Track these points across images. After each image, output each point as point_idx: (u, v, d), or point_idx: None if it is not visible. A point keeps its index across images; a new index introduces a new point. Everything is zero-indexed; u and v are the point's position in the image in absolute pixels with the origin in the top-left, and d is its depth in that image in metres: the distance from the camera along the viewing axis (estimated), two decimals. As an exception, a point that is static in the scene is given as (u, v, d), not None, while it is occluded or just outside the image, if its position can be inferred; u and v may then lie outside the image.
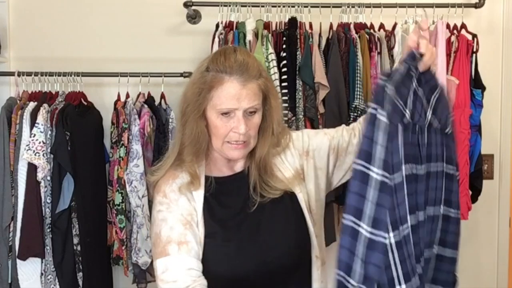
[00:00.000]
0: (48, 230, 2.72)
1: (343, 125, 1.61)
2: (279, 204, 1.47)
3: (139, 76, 2.87)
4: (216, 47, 2.70)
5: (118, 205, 2.75)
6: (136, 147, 2.74)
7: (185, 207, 1.42)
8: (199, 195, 1.45)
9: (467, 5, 2.95)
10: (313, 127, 2.73)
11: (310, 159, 1.54)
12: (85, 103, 2.88)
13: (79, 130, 2.76)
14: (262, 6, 2.82)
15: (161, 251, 1.39)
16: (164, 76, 2.88)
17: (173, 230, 1.39)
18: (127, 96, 2.88)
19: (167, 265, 1.36)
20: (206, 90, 1.40)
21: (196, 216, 1.43)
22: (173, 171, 1.47)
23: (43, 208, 2.71)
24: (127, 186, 2.73)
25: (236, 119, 1.40)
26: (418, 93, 1.21)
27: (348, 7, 2.85)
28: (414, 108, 1.18)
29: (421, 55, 1.27)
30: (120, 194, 2.75)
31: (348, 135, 1.55)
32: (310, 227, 1.47)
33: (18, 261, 2.72)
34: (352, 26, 2.81)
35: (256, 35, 2.74)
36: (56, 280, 2.73)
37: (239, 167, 1.52)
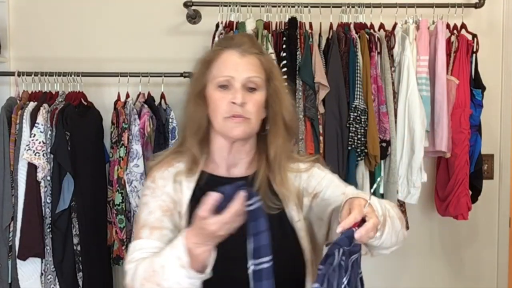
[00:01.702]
0: (48, 230, 2.72)
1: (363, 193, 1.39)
2: (276, 220, 1.34)
3: (139, 76, 2.87)
4: (216, 47, 2.69)
5: (118, 205, 2.75)
6: (136, 147, 2.74)
7: (170, 195, 1.37)
8: (189, 187, 1.38)
9: (467, 5, 2.95)
10: (313, 127, 2.73)
11: (314, 204, 1.42)
12: (85, 103, 2.88)
13: (79, 130, 2.76)
14: (262, 6, 2.82)
15: (135, 234, 1.37)
16: (164, 76, 2.88)
17: (151, 214, 1.35)
18: (127, 96, 2.88)
19: (135, 247, 1.32)
20: (206, 66, 1.38)
21: (180, 207, 1.37)
22: (170, 159, 1.44)
23: (43, 208, 2.71)
24: (127, 186, 2.73)
25: (233, 90, 1.34)
26: (341, 264, 1.14)
27: (348, 7, 2.85)
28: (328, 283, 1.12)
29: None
30: (120, 194, 2.75)
31: None
32: (306, 253, 1.37)
33: (18, 261, 2.72)
34: (352, 26, 2.81)
35: (256, 35, 2.74)
36: (56, 280, 2.73)
37: (237, 172, 1.42)
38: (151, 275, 1.19)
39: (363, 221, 1.13)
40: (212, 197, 1.10)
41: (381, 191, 2.80)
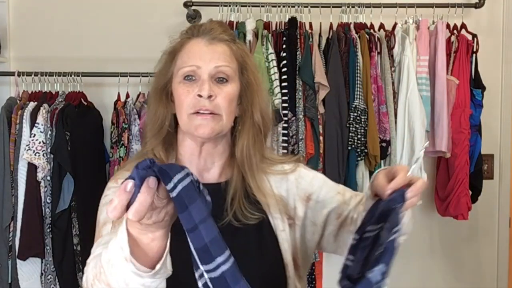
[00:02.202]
0: (48, 230, 2.72)
1: (362, 195, 1.26)
2: (254, 228, 1.19)
3: (139, 76, 2.86)
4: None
5: (118, 205, 2.75)
6: (136, 147, 2.74)
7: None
8: None
9: (467, 5, 2.95)
10: (313, 127, 2.73)
11: (308, 207, 1.26)
12: (85, 103, 2.88)
13: (79, 130, 2.76)
14: (262, 6, 2.82)
15: (96, 237, 1.15)
16: (164, 76, 2.87)
17: None
18: (127, 96, 2.88)
19: (97, 245, 1.01)
20: (170, 57, 1.23)
21: None
22: (134, 163, 1.16)
23: (43, 208, 2.71)
24: (127, 186, 2.73)
25: (200, 82, 1.16)
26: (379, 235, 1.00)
27: (348, 7, 2.85)
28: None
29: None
30: (120, 194, 2.75)
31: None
32: (289, 268, 1.20)
33: (18, 261, 2.72)
34: (352, 26, 2.82)
35: (256, 35, 2.74)
36: (56, 280, 2.73)
37: (210, 177, 1.23)
38: (100, 272, 0.89)
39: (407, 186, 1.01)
40: (122, 189, 0.76)
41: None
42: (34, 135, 2.70)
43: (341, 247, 1.23)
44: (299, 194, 1.26)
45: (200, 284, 0.83)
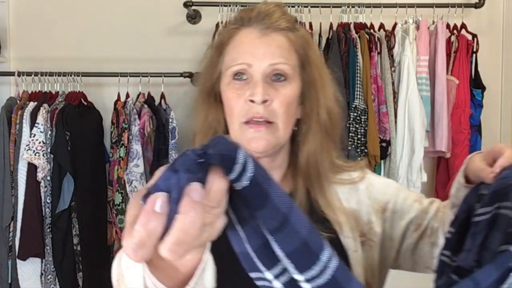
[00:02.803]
0: (48, 230, 2.72)
1: (439, 201, 1.10)
2: None
3: (139, 76, 2.87)
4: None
5: (118, 205, 2.75)
6: (136, 147, 2.74)
7: None
8: None
9: (467, 5, 2.95)
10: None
11: (384, 220, 1.07)
12: (85, 103, 2.88)
13: (79, 130, 2.76)
14: (262, 6, 2.82)
15: None
16: (164, 76, 2.88)
17: None
18: (127, 96, 2.88)
19: None
20: (218, 52, 1.02)
21: None
22: None
23: (43, 208, 2.71)
24: (127, 186, 2.73)
25: (252, 83, 0.96)
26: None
27: (348, 7, 2.85)
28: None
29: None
30: (120, 194, 2.75)
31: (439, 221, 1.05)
32: None
33: (18, 261, 2.72)
34: (352, 26, 2.81)
35: (256, 35, 2.74)
36: (56, 280, 2.73)
37: None
38: (122, 276, 0.76)
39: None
40: (149, 211, 0.49)
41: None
42: (34, 135, 2.70)
43: (419, 263, 1.08)
44: (373, 205, 1.07)
45: None
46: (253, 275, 0.58)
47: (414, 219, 1.06)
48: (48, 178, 2.71)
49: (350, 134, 2.72)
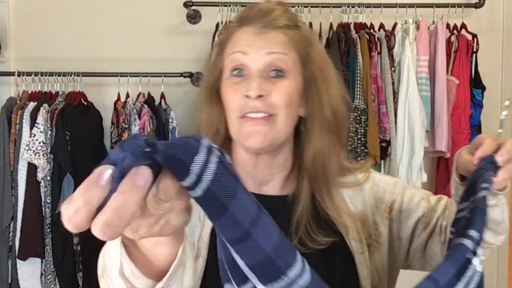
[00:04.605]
0: (48, 230, 2.72)
1: (446, 198, 1.08)
2: (323, 257, 0.96)
3: (139, 76, 2.87)
4: (216, 47, 2.69)
5: (118, 205, 2.75)
6: (136, 147, 2.74)
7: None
8: None
9: (467, 5, 2.95)
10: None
11: (391, 220, 1.05)
12: (85, 103, 2.88)
13: (79, 130, 2.76)
14: (262, 6, 2.82)
15: None
16: (164, 76, 2.88)
17: None
18: (127, 96, 2.88)
19: None
20: (219, 50, 1.02)
21: (200, 232, 0.96)
22: None
23: (43, 208, 2.71)
24: (127, 186, 2.73)
25: (249, 79, 0.95)
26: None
27: (348, 7, 2.85)
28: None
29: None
30: (120, 194, 2.75)
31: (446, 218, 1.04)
32: None
33: (18, 261, 2.72)
34: (352, 26, 2.82)
35: (256, 35, 2.74)
36: (56, 280, 2.73)
37: (270, 190, 1.02)
38: (104, 270, 0.69)
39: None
40: (93, 180, 0.48)
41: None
42: (34, 135, 2.70)
43: (430, 263, 1.05)
44: (378, 205, 1.05)
45: None
46: (227, 287, 0.56)
47: (422, 217, 1.04)
48: (48, 178, 2.71)
49: (350, 134, 2.72)
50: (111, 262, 0.62)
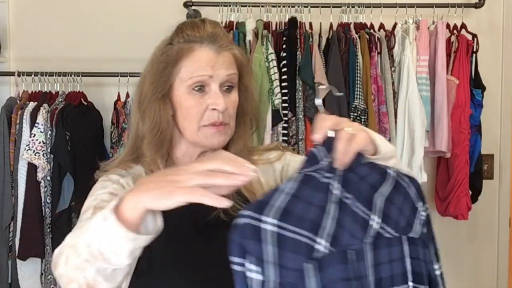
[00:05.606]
0: (48, 230, 2.72)
1: None
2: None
3: (139, 76, 2.85)
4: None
5: (118, 205, 2.75)
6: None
7: (124, 186, 1.16)
8: None
9: (467, 5, 2.95)
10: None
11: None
12: (85, 103, 2.88)
13: (79, 130, 2.76)
14: (262, 6, 2.82)
15: (75, 227, 1.03)
16: (164, 76, 2.87)
17: (96, 200, 1.13)
18: (127, 96, 2.88)
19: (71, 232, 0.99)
20: (172, 64, 1.17)
21: None
22: (126, 162, 1.24)
23: (43, 208, 2.71)
24: (127, 186, 2.73)
25: (212, 93, 1.15)
26: (346, 202, 0.90)
27: (348, 7, 2.85)
28: (339, 228, 0.88)
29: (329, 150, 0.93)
30: (120, 194, 2.75)
31: None
32: None
33: (18, 261, 2.72)
34: (352, 26, 2.82)
35: (256, 35, 2.74)
36: (56, 280, 2.73)
37: None
38: (70, 249, 0.97)
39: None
40: (244, 169, 0.83)
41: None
42: (34, 135, 2.70)
43: None
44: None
45: None
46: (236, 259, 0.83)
47: None
48: (48, 178, 2.71)
49: (350, 134, 2.72)
50: (96, 244, 0.87)
